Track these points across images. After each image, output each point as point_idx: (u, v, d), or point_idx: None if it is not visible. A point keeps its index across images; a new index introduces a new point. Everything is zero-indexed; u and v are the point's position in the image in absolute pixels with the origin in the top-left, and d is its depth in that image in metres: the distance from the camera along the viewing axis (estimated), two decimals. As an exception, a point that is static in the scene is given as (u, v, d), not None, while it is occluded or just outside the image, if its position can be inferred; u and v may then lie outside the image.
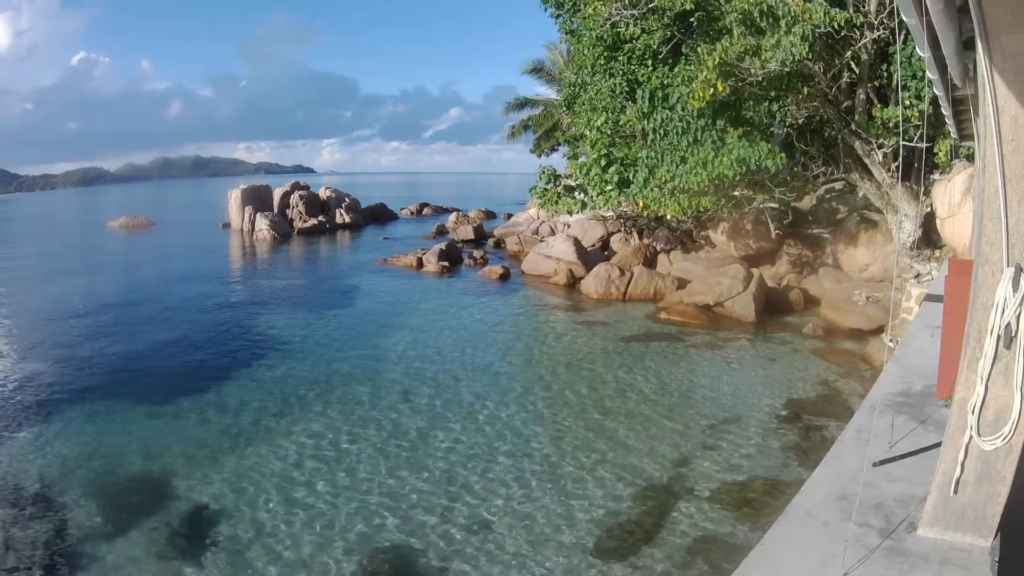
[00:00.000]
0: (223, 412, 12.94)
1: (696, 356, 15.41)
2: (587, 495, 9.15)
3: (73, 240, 56.01)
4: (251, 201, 45.97)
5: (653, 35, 17.27)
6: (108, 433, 12.15)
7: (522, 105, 42.38)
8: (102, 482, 10.32)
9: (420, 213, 60.66)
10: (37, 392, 14.53)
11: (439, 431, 11.56)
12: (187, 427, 12.32)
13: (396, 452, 10.84)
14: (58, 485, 10.30)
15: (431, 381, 14.17)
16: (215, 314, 21.27)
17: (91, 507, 9.57)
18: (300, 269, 32.95)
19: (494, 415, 12.22)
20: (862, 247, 19.18)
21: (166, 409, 13.15)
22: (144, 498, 9.81)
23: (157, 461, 10.94)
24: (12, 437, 12.17)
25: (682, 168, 16.37)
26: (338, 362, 15.76)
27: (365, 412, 12.61)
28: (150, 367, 16.07)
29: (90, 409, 13.27)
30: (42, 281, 30.72)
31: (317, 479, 10.04)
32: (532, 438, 11.26)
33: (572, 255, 24.25)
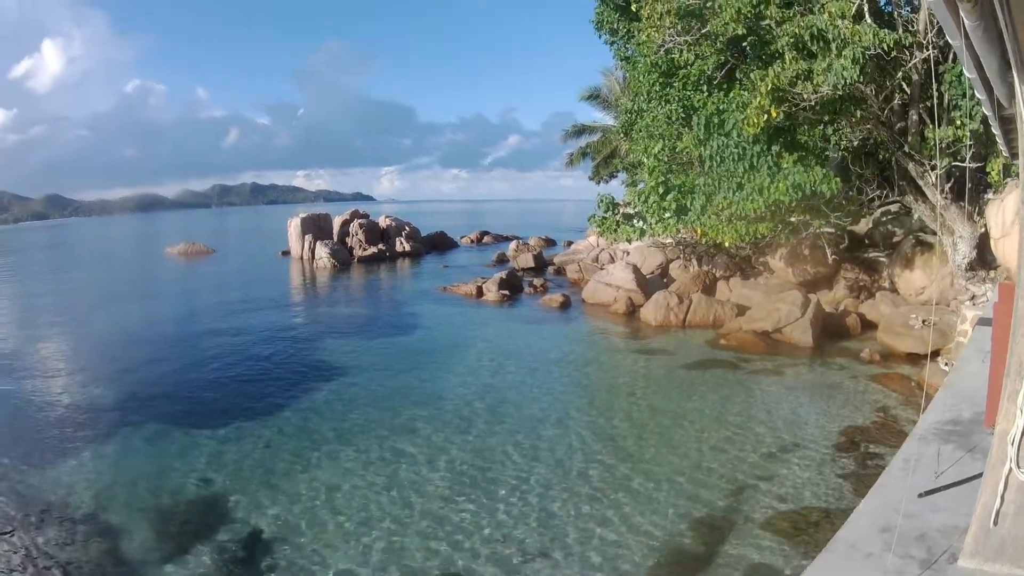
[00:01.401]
0: (281, 437, 13.49)
1: (754, 383, 15.77)
2: (643, 523, 9.40)
3: (131, 266, 58.95)
4: (311, 229, 47.83)
5: (707, 61, 17.80)
6: (165, 456, 12.71)
7: (580, 132, 43.25)
8: (157, 505, 10.79)
9: (480, 241, 62.08)
10: (96, 415, 15.32)
11: (497, 460, 11.93)
12: (245, 452, 12.81)
13: (453, 479, 11.18)
14: (113, 507, 10.77)
15: (490, 410, 14.61)
16: (275, 341, 22.14)
17: (145, 529, 10.00)
18: (360, 297, 33.97)
19: (552, 444, 12.60)
20: (918, 270, 19.51)
21: (224, 433, 13.77)
22: (199, 521, 10.22)
23: (213, 485, 11.46)
24: (70, 459, 12.81)
25: (739, 195, 16.87)
26: (397, 390, 16.30)
27: (423, 440, 12.99)
28: (209, 392, 16.84)
29: (148, 432, 13.99)
30: (101, 307, 32.62)
31: (374, 506, 10.34)
32: (589, 465, 11.58)
33: (631, 283, 24.97)
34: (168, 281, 44.63)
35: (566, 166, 44.39)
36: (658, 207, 19.34)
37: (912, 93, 16.97)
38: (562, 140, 44.49)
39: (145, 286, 41.95)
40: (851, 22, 14.19)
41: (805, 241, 21.14)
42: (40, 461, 12.69)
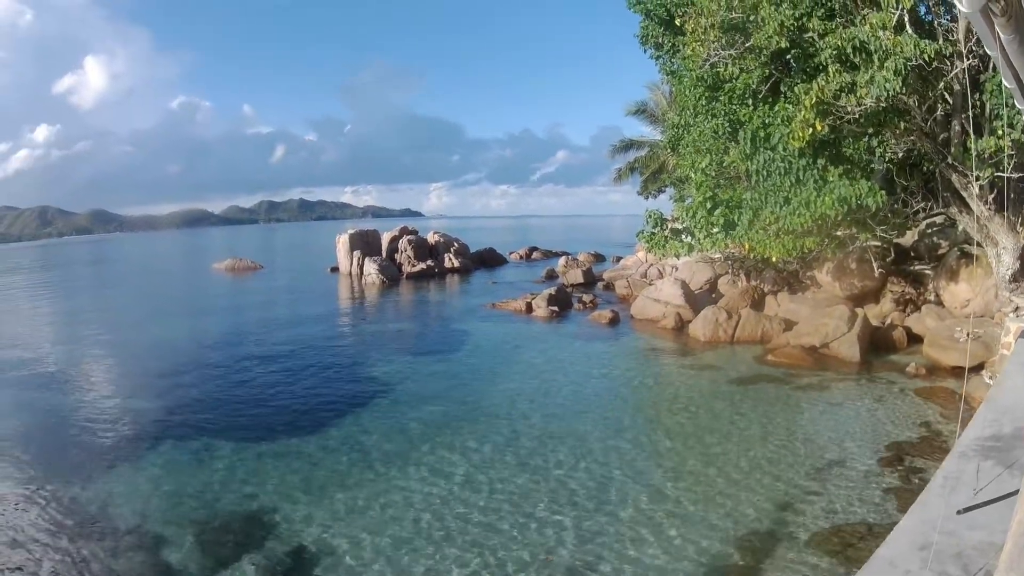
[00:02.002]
0: (328, 453, 13.79)
1: (801, 399, 15.94)
2: (690, 539, 9.60)
3: (179, 282, 60.54)
4: (359, 245, 48.91)
5: (752, 74, 17.99)
6: (211, 470, 13.07)
7: (627, 147, 43.56)
8: (202, 518, 11.08)
9: (529, 257, 62.61)
10: (141, 428, 15.82)
11: (544, 475, 12.17)
12: (290, 467, 13.12)
13: (498, 496, 11.38)
14: (156, 518, 11.11)
15: (538, 427, 14.87)
16: (323, 357, 22.67)
17: (188, 542, 10.29)
18: (409, 314, 34.57)
19: (600, 459, 12.83)
20: (963, 282, 19.47)
21: (270, 448, 14.15)
22: (242, 535, 10.49)
23: (257, 499, 11.75)
24: (114, 471, 13.26)
25: (786, 209, 17.08)
26: (446, 406, 16.61)
27: (471, 456, 13.23)
28: (255, 408, 17.30)
29: (193, 446, 14.43)
30: (149, 322, 33.67)
31: (419, 522, 10.55)
32: (637, 481, 11.81)
33: (680, 298, 25.31)
34: (215, 297, 45.78)
35: (614, 181, 44.72)
36: (706, 222, 19.48)
37: (954, 103, 17.03)
38: (610, 155, 44.94)
39: (192, 301, 43.20)
40: (892, 33, 14.33)
41: (852, 255, 21.27)
42: (84, 473, 13.17)
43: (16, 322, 36.67)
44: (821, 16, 16.36)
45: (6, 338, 30.26)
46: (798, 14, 16.34)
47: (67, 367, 23.14)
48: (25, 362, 23.96)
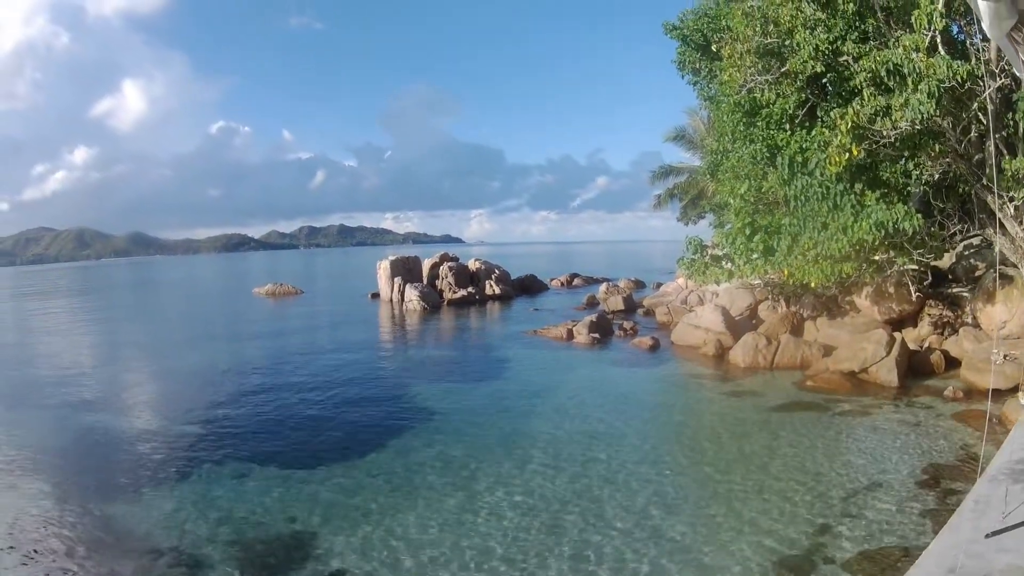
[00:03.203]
0: (369, 479, 13.97)
1: (840, 424, 16.11)
2: (728, 562, 9.79)
3: (220, 306, 61.99)
4: (400, 272, 49.65)
5: (788, 99, 18.35)
6: (252, 493, 13.33)
7: (667, 173, 43.96)
8: (242, 541, 11.28)
9: (570, 284, 62.93)
10: (181, 451, 16.18)
11: (584, 500, 12.33)
12: (332, 492, 13.28)
13: (539, 525, 11.44)
14: (196, 540, 11.34)
15: (579, 452, 15.06)
16: (365, 383, 23.15)
17: (228, 563, 10.50)
18: (450, 340, 35.09)
19: (640, 484, 13.02)
20: (999, 304, 19.55)
21: (311, 473, 14.36)
22: (283, 559, 10.69)
23: (298, 523, 11.92)
24: (154, 492, 13.53)
25: (824, 234, 17.36)
26: (487, 433, 16.90)
27: (511, 483, 13.35)
28: (297, 432, 17.64)
29: (234, 469, 14.72)
30: (191, 346, 34.48)
31: (458, 549, 10.64)
32: (677, 506, 12.00)
33: (720, 325, 25.60)
34: (256, 321, 46.73)
35: (654, 207, 45.11)
36: (745, 248, 19.72)
37: (987, 123, 16.91)
38: (650, 181, 45.39)
39: (234, 326, 44.16)
40: (925, 55, 14.64)
41: (890, 279, 21.44)
42: (125, 493, 13.57)
43: (60, 345, 37.89)
44: (855, 39, 16.75)
45: (50, 360, 31.40)
46: (832, 37, 16.73)
47: (110, 389, 23.92)
48: (68, 384, 24.77)
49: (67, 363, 30.14)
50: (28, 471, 15.13)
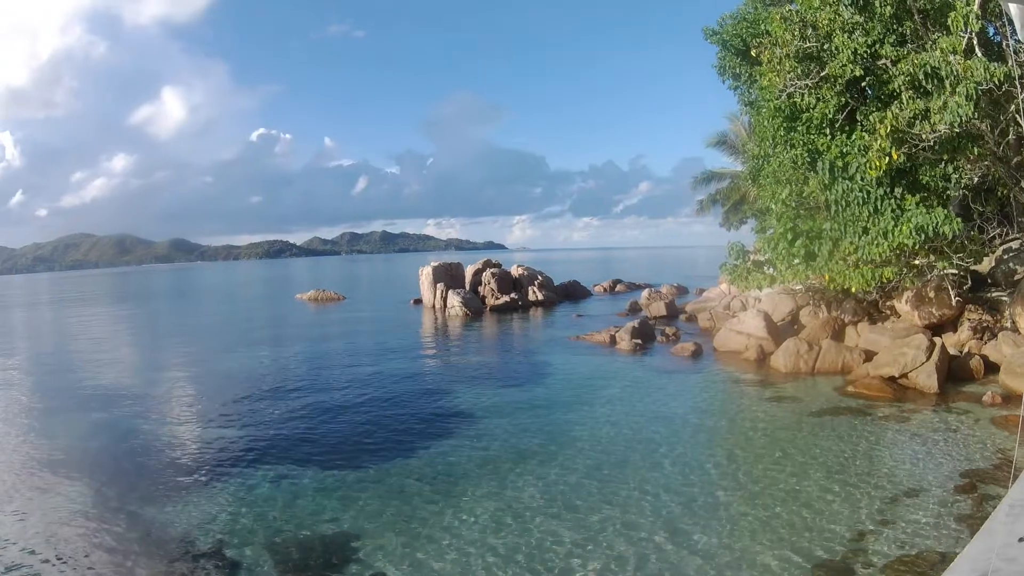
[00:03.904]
0: (411, 483, 14.11)
1: (879, 430, 16.21)
2: (767, 566, 9.93)
3: (263, 311, 62.98)
4: (443, 278, 50.15)
5: (828, 103, 18.44)
6: (292, 496, 13.51)
7: (709, 179, 44.10)
8: (281, 543, 11.46)
9: (613, 290, 63.25)
10: (223, 454, 16.43)
11: (624, 505, 12.44)
12: (374, 496, 13.42)
13: (580, 531, 11.53)
14: (236, 542, 11.51)
15: (620, 457, 15.24)
16: (407, 388, 23.53)
17: (268, 566, 10.67)
18: (492, 345, 35.40)
19: (679, 489, 13.11)
20: None
21: (352, 476, 14.56)
22: (322, 562, 10.82)
23: (340, 525, 12.10)
24: (195, 495, 13.75)
25: (864, 239, 17.51)
26: (528, 438, 16.97)
27: (551, 488, 13.48)
28: (338, 435, 17.82)
29: (276, 472, 14.93)
30: (234, 350, 35.25)
31: (500, 555, 10.75)
32: (715, 512, 12.08)
33: (762, 330, 25.75)
34: (299, 326, 47.70)
35: (697, 213, 45.21)
36: (787, 253, 19.88)
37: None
38: (692, 187, 45.52)
39: (276, 331, 45.10)
40: (962, 57, 14.74)
41: (930, 283, 21.45)
42: (164, 494, 13.85)
43: (102, 349, 39.06)
44: (893, 42, 16.91)
45: (93, 364, 32.32)
46: (870, 41, 16.89)
47: (152, 392, 24.60)
48: (110, 387, 25.57)
49: (110, 367, 31.07)
50: (68, 472, 15.50)
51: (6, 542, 11.75)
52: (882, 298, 24.33)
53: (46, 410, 22.51)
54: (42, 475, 15.41)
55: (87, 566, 10.84)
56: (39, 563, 10.89)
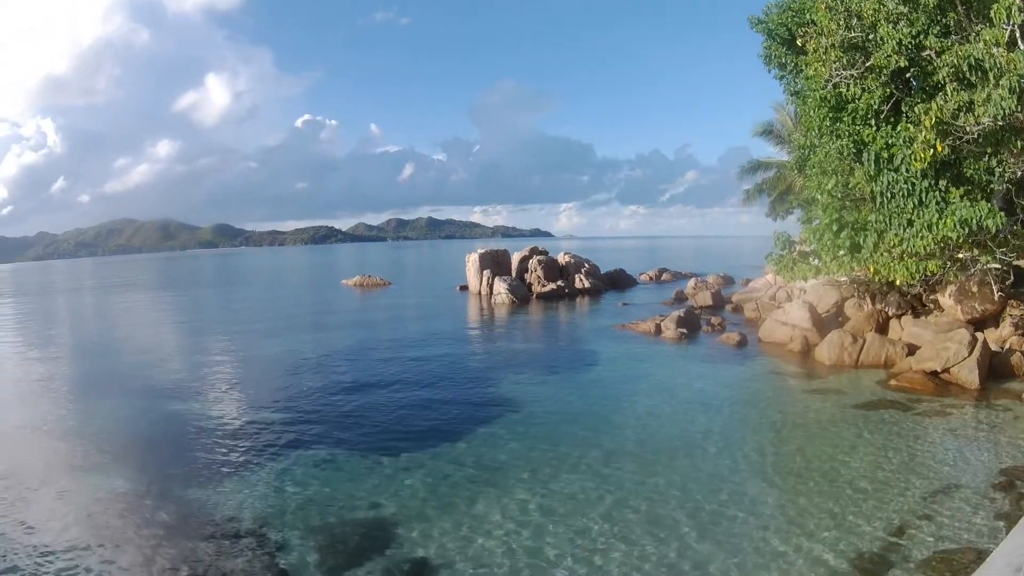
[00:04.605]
0: (454, 468, 14.40)
1: (920, 424, 16.34)
2: (804, 558, 10.10)
3: (309, 297, 64.03)
4: (489, 265, 50.60)
5: (873, 94, 18.41)
6: (333, 480, 13.81)
7: (755, 168, 43.88)
8: (324, 526, 11.70)
9: (659, 278, 63.34)
10: (267, 437, 16.78)
11: (666, 493, 12.67)
12: (417, 480, 13.69)
13: (624, 513, 11.87)
14: (278, 524, 11.77)
15: (664, 445, 15.55)
16: (453, 373, 24.07)
17: (309, 548, 10.91)
18: (538, 333, 35.86)
19: (721, 478, 13.41)
20: None
21: (396, 461, 14.85)
22: (364, 545, 11.02)
23: (382, 509, 12.34)
24: (237, 477, 14.09)
25: (909, 231, 17.52)
26: (572, 425, 17.31)
27: (596, 475, 13.73)
28: (383, 421, 18.17)
29: (319, 456, 15.30)
30: (279, 335, 36.05)
31: (543, 541, 10.93)
32: (756, 502, 12.32)
33: (807, 322, 25.89)
34: (345, 312, 48.33)
35: (743, 203, 45.06)
36: (832, 244, 19.92)
37: None
38: (738, 176, 45.26)
39: (322, 316, 45.88)
40: (1005, 49, 14.71)
41: (973, 278, 21.40)
42: (207, 477, 14.21)
43: (150, 333, 40.50)
44: (937, 33, 16.87)
45: (140, 348, 33.56)
46: (915, 32, 16.88)
47: (197, 375, 25.33)
48: (156, 371, 26.45)
49: (155, 351, 32.06)
50: (110, 454, 16.06)
51: (48, 521, 12.24)
52: (926, 291, 24.29)
53: (91, 393, 23.35)
54: (86, 456, 16.03)
55: (128, 546, 11.23)
56: (80, 542, 11.31)
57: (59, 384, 25.13)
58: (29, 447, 17.24)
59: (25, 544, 11.23)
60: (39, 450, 16.91)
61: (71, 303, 67.64)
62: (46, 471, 15.18)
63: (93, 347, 35.19)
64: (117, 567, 10.47)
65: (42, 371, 27.77)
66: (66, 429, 18.57)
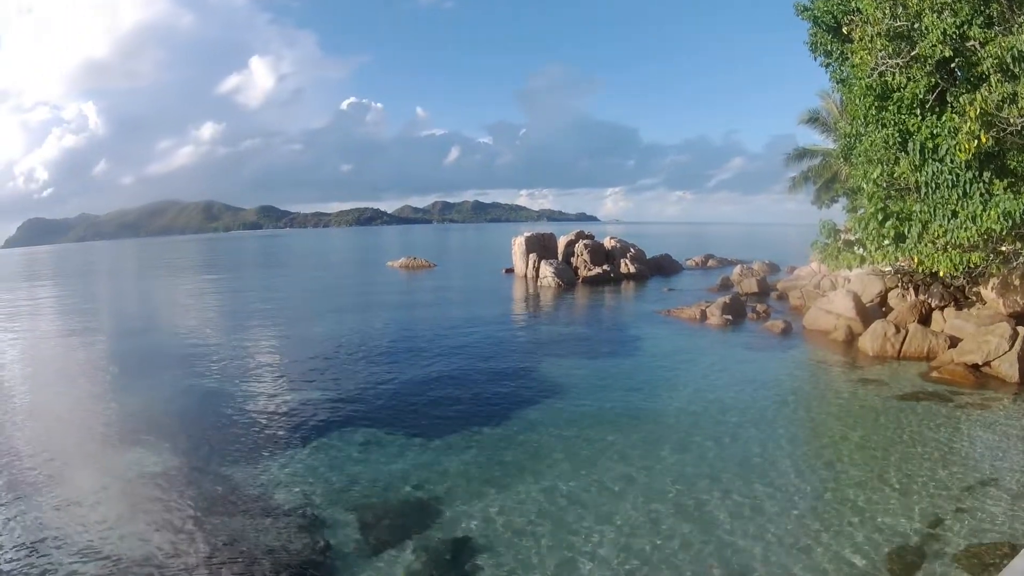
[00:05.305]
0: (496, 450, 14.70)
1: (960, 417, 16.46)
2: (841, 548, 10.30)
3: (354, 277, 64.98)
4: (535, 248, 51.14)
5: (919, 83, 18.46)
6: (377, 460, 14.14)
7: (801, 156, 43.56)
8: (366, 504, 11.98)
9: (705, 264, 63.50)
10: (312, 417, 17.18)
11: (706, 481, 12.91)
12: (458, 461, 14.00)
13: (665, 498, 12.14)
14: (320, 502, 12.08)
15: (706, 432, 15.79)
16: (497, 355, 24.61)
17: (352, 525, 11.19)
18: (583, 317, 36.18)
19: (762, 467, 13.64)
20: None
21: (438, 442, 15.16)
22: (407, 523, 11.31)
23: (424, 489, 12.60)
24: (279, 456, 14.43)
25: (953, 223, 17.59)
26: (614, 411, 17.56)
27: (637, 459, 14.04)
28: (426, 401, 18.61)
29: (362, 436, 15.65)
30: (325, 315, 37.01)
31: (581, 523, 11.24)
32: (796, 492, 12.47)
33: (851, 311, 25.99)
34: (390, 293, 49.15)
35: (789, 190, 44.78)
36: (877, 234, 19.97)
37: None
38: (785, 164, 44.99)
39: (367, 297, 46.57)
40: None
41: (1016, 271, 21.32)
42: (251, 455, 14.59)
43: (195, 313, 41.36)
44: (981, 24, 16.83)
45: (185, 327, 34.35)
46: (959, 22, 16.86)
47: (242, 355, 25.96)
48: (201, 349, 27.19)
49: (200, 331, 32.78)
50: (154, 431, 16.51)
51: (92, 496, 12.76)
52: (968, 284, 24.25)
53: (136, 371, 24.19)
54: (130, 433, 16.55)
55: (169, 522, 11.58)
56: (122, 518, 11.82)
57: (104, 363, 25.99)
58: (72, 424, 17.89)
59: (66, 519, 11.75)
60: (82, 427, 17.55)
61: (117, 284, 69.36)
62: (89, 447, 15.90)
63: (141, 326, 36.10)
64: (158, 543, 10.85)
65: (91, 351, 28.74)
66: (109, 406, 19.26)
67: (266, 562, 10.27)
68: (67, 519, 11.80)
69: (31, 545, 10.80)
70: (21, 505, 12.39)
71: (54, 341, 31.70)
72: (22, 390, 21.83)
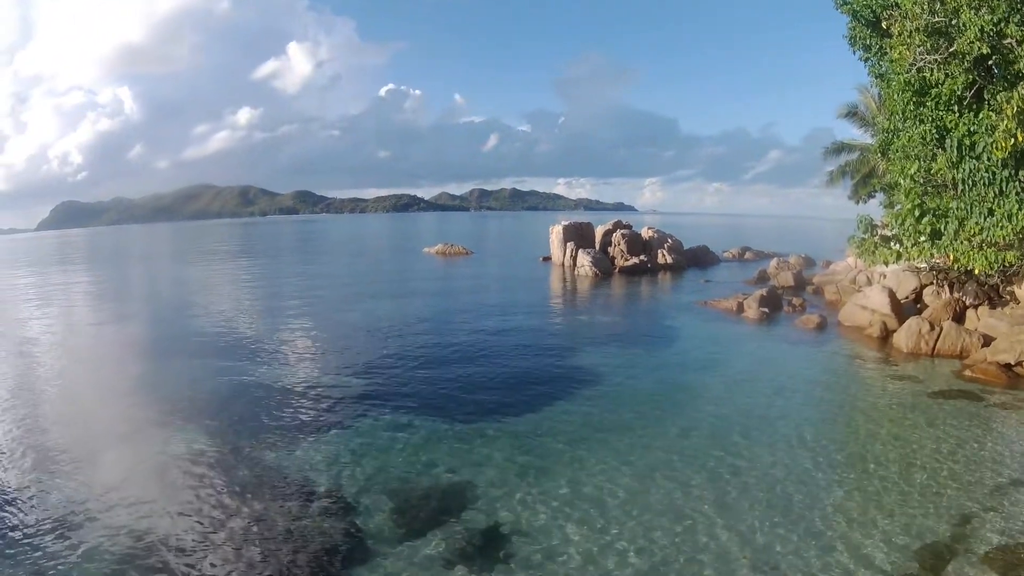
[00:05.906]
0: (530, 438, 14.90)
1: (991, 416, 16.55)
2: (871, 545, 10.39)
3: (392, 263, 65.79)
4: (573, 237, 51.46)
5: (956, 80, 18.33)
6: (412, 447, 14.32)
7: (839, 150, 43.27)
8: (400, 489, 12.21)
9: (742, 257, 63.13)
10: (346, 403, 17.46)
11: (735, 476, 13.03)
12: (492, 448, 14.22)
13: (696, 491, 12.30)
14: (353, 486, 12.32)
15: (738, 425, 16.02)
16: (532, 343, 24.95)
17: (384, 509, 11.41)
18: (620, 307, 36.64)
19: (792, 462, 13.78)
20: None
21: (472, 429, 15.40)
22: (440, 508, 11.51)
23: (458, 475, 12.83)
24: (318, 441, 14.71)
25: (989, 220, 17.58)
26: (649, 403, 17.77)
27: (669, 451, 14.23)
28: (459, 389, 18.85)
29: (397, 422, 15.92)
30: (362, 300, 37.55)
31: (616, 511, 11.43)
32: (826, 488, 12.65)
33: (886, 307, 26.02)
34: (427, 280, 49.73)
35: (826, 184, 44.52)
36: (914, 230, 19.96)
37: None
38: (823, 157, 44.77)
39: (404, 283, 47.22)
40: None
41: (1050, 272, 21.03)
42: (286, 439, 14.91)
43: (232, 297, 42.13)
44: (1017, 22, 16.75)
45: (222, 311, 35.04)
46: (996, 19, 16.81)
47: (278, 340, 26.44)
48: (237, 334, 27.76)
49: (237, 316, 33.52)
50: (190, 415, 16.91)
51: (126, 478, 13.15)
52: (1003, 282, 24.16)
53: (171, 355, 24.62)
54: (164, 416, 16.94)
55: (203, 504, 11.88)
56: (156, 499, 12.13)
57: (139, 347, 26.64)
58: (108, 406, 18.42)
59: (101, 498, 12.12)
60: (118, 408, 18.07)
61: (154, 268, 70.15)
62: (125, 429, 16.30)
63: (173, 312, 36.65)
64: (191, 525, 11.13)
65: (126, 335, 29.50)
66: (144, 389, 19.83)
67: (298, 542, 10.52)
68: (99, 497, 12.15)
69: (62, 519, 11.25)
70: (55, 480, 12.86)
71: (90, 325, 32.43)
72: (58, 372, 22.35)
